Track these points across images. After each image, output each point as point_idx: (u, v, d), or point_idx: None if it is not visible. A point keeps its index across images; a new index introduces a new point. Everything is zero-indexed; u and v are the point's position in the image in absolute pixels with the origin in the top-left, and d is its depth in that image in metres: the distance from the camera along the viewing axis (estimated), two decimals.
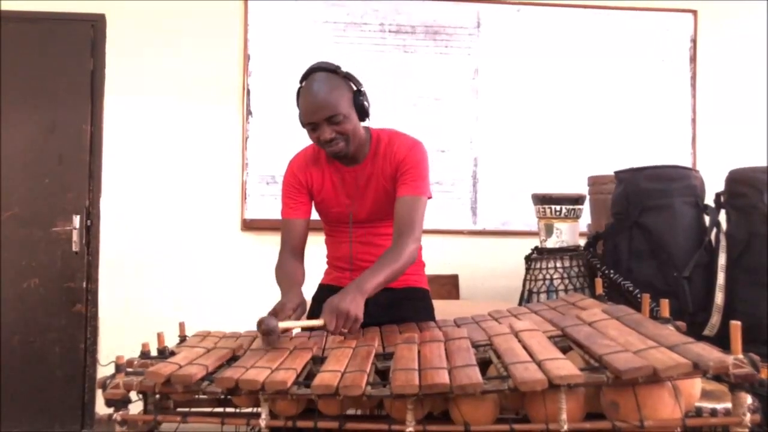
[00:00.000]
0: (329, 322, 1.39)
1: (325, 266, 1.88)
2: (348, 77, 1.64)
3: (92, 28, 3.21)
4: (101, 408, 1.25)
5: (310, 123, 1.60)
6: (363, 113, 1.64)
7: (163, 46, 3.24)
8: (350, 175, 1.71)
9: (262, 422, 1.17)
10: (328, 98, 1.57)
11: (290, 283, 1.61)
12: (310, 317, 1.61)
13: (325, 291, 1.70)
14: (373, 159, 1.68)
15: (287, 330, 1.40)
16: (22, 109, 3.16)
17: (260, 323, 1.31)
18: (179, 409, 1.36)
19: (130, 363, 1.35)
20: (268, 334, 1.31)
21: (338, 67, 1.65)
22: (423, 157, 1.67)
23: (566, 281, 2.55)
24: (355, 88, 1.64)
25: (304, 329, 1.41)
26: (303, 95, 1.63)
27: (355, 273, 1.66)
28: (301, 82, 1.66)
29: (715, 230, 2.35)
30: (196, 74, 3.25)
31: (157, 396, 1.31)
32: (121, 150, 3.21)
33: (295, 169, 1.75)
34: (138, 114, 3.23)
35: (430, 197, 1.68)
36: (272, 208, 3.26)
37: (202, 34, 3.26)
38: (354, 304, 1.41)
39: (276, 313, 1.45)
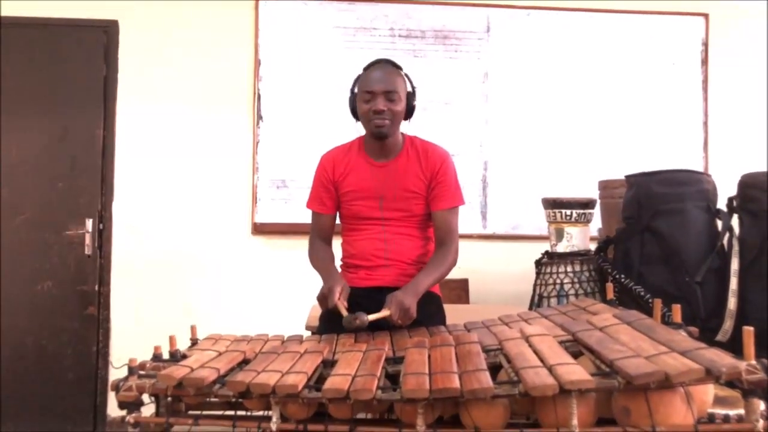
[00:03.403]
0: (394, 313, 1.58)
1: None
2: (407, 77, 1.83)
3: (105, 34, 3.25)
4: (113, 410, 1.27)
5: (369, 91, 1.75)
6: (409, 111, 1.82)
7: (174, 51, 3.27)
8: (381, 169, 1.82)
9: (273, 425, 1.18)
10: (392, 78, 1.77)
11: (328, 267, 1.80)
12: (327, 322, 1.75)
13: None
14: (407, 158, 1.82)
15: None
16: (36, 114, 3.20)
17: (355, 318, 1.53)
18: (191, 412, 1.36)
19: (142, 366, 1.36)
20: (361, 327, 1.54)
21: (401, 67, 1.84)
22: (454, 167, 1.86)
23: (577, 286, 2.54)
24: (410, 88, 1.82)
25: (376, 320, 1.59)
26: (368, 71, 1.80)
27: (385, 268, 1.81)
28: (364, 69, 1.83)
29: (727, 235, 2.33)
30: (207, 79, 3.28)
31: (169, 399, 1.32)
32: (133, 154, 3.24)
33: (325, 163, 1.89)
34: (150, 119, 3.25)
35: (463, 203, 1.85)
36: (283, 212, 3.28)
37: (214, 39, 3.29)
38: (413, 303, 1.61)
39: (326, 296, 1.63)
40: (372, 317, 1.56)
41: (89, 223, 3.18)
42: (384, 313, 1.58)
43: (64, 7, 3.19)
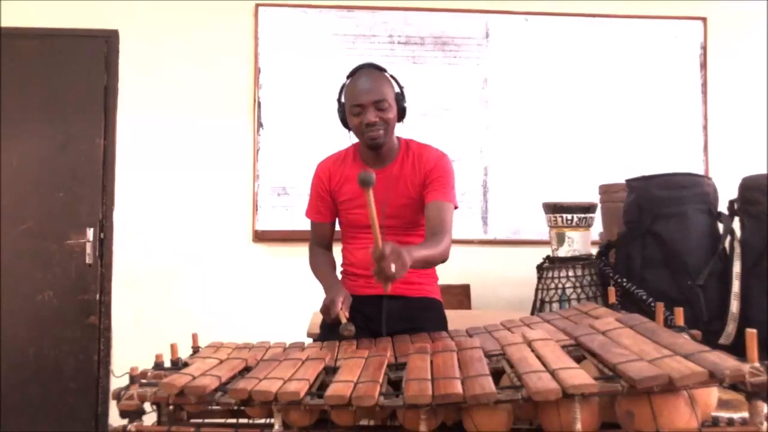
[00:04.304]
0: (386, 247, 1.37)
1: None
2: (393, 78, 1.79)
3: (106, 44, 3.26)
4: (115, 419, 1.26)
5: (358, 105, 1.70)
6: (401, 113, 1.78)
7: (175, 60, 3.28)
8: (377, 177, 1.74)
9: None
10: (378, 85, 1.72)
11: (329, 276, 1.78)
12: (329, 329, 1.70)
13: None
14: (402, 164, 1.78)
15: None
16: (37, 123, 3.21)
17: (344, 329, 1.53)
18: (193, 420, 1.36)
19: (143, 374, 1.35)
20: (350, 337, 1.54)
21: (385, 69, 1.79)
22: (450, 167, 1.80)
23: (578, 290, 2.53)
24: (397, 89, 1.78)
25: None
26: (353, 82, 1.75)
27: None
28: (348, 77, 1.79)
29: (729, 238, 2.33)
30: (207, 88, 3.29)
31: (171, 407, 1.32)
32: (134, 163, 3.25)
33: (320, 173, 1.87)
34: (150, 128, 3.27)
35: (456, 207, 1.77)
36: (284, 219, 3.28)
37: (214, 48, 3.30)
38: (407, 254, 1.41)
39: (328, 308, 1.60)
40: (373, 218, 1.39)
41: (90, 233, 3.18)
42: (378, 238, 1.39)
43: (64, 18, 3.21)
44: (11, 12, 3.20)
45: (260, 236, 3.28)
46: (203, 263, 3.25)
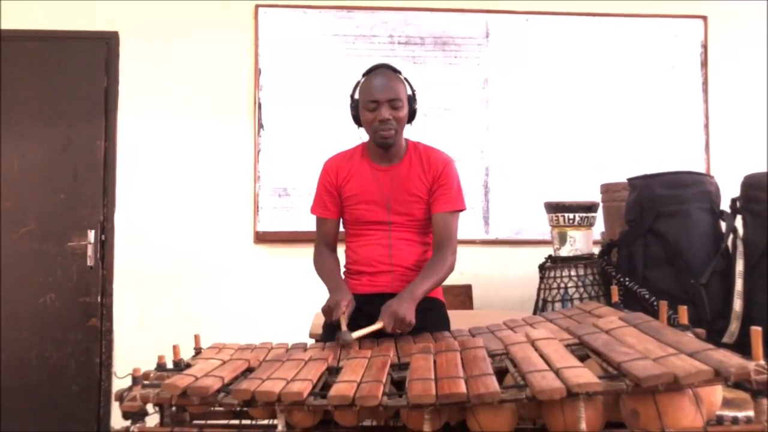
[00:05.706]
0: (388, 325, 1.55)
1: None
2: (406, 80, 1.83)
3: (106, 46, 3.26)
4: (117, 422, 1.26)
5: (373, 101, 1.74)
6: (412, 115, 1.82)
7: (175, 62, 3.28)
8: (384, 174, 1.82)
9: None
10: (394, 84, 1.77)
11: (334, 277, 1.79)
12: (331, 330, 1.69)
13: None
14: (410, 163, 1.82)
15: (358, 338, 1.55)
16: (38, 126, 3.21)
17: (338, 339, 1.50)
18: (195, 422, 1.35)
19: (146, 375, 1.35)
20: (346, 347, 1.49)
21: (400, 71, 1.84)
22: (456, 172, 1.85)
23: (581, 290, 2.53)
24: (410, 91, 1.82)
25: (369, 334, 1.57)
26: (369, 79, 1.79)
27: (387, 274, 1.80)
28: (364, 75, 1.83)
29: (732, 236, 2.32)
30: (208, 89, 3.29)
31: (174, 408, 1.31)
32: (135, 165, 3.25)
33: (328, 168, 1.89)
34: (151, 129, 3.26)
35: (464, 209, 1.83)
36: (285, 221, 3.27)
37: (214, 49, 3.30)
38: (409, 310, 1.58)
39: (331, 309, 1.61)
40: (362, 333, 1.54)
41: (91, 235, 3.18)
42: (377, 326, 1.56)
43: (64, 20, 3.21)
44: (11, 14, 3.20)
45: (261, 237, 3.27)
46: (204, 265, 3.25)
